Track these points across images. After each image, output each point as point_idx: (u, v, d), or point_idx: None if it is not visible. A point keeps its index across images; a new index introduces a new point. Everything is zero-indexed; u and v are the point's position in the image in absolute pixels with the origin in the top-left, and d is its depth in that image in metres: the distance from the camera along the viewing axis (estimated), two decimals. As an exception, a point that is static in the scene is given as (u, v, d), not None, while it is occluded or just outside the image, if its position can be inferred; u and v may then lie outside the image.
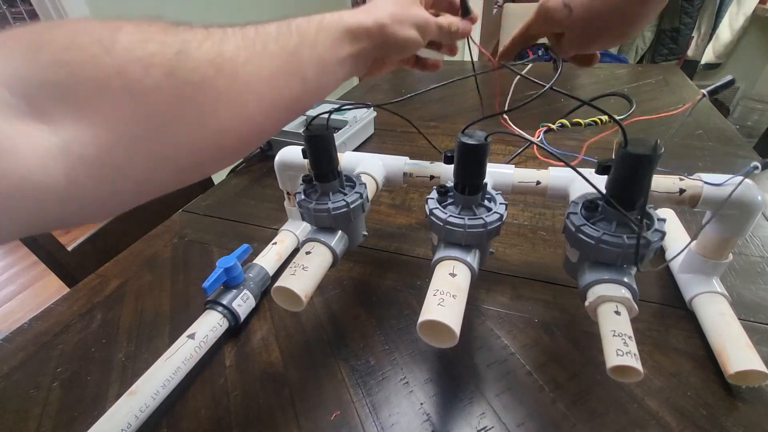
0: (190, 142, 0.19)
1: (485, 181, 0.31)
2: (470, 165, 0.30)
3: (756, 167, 0.29)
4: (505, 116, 0.73)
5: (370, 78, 0.31)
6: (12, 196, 0.15)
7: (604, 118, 0.57)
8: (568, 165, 0.28)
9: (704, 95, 0.34)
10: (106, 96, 0.16)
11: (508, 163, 0.55)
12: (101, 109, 0.16)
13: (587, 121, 0.68)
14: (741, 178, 0.31)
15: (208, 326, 0.37)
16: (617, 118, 0.25)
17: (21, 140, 0.15)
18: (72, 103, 0.16)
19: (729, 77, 0.34)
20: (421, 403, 0.33)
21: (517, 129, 0.66)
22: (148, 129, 0.18)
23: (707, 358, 0.35)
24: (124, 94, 0.17)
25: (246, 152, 0.24)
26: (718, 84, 0.34)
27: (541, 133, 0.62)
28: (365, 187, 0.37)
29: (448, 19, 0.33)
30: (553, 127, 0.62)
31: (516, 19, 1.88)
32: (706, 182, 0.33)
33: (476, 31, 2.55)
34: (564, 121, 0.53)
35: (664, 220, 0.29)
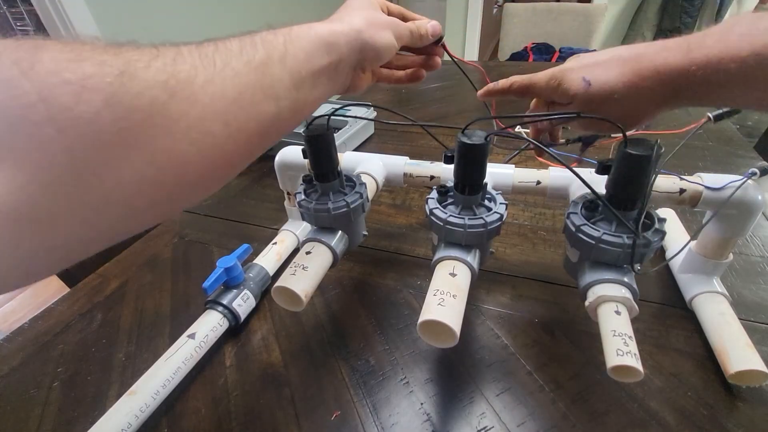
0: (140, 180, 0.16)
1: (485, 181, 0.31)
2: (470, 165, 0.30)
3: (754, 173, 0.29)
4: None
5: (351, 92, 0.31)
6: None
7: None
8: (567, 167, 0.28)
9: (709, 119, 0.34)
10: (24, 130, 0.13)
11: (506, 162, 0.55)
12: (19, 148, 0.13)
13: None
14: (739, 182, 0.31)
15: (209, 326, 0.37)
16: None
17: None
18: None
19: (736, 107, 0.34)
20: (422, 403, 0.33)
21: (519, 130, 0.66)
22: (84, 169, 0.14)
23: (707, 358, 0.35)
24: (49, 127, 0.13)
25: (216, 185, 0.21)
26: (724, 110, 0.34)
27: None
28: (365, 187, 0.37)
29: (416, 23, 0.33)
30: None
31: (516, 19, 1.88)
32: (705, 186, 0.33)
33: (476, 31, 2.55)
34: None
35: (664, 220, 0.29)
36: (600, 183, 0.29)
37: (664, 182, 0.34)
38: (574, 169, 0.28)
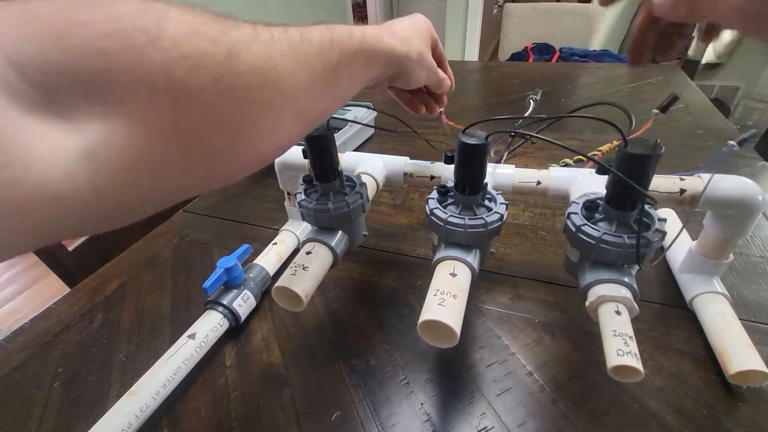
0: (227, 153, 0.18)
1: (486, 181, 0.31)
2: (471, 165, 0.30)
3: (733, 146, 0.28)
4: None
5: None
6: (25, 207, 0.13)
7: (605, 148, 0.56)
8: (574, 151, 0.28)
9: (656, 114, 0.34)
10: (147, 95, 0.14)
11: (504, 159, 0.55)
12: (138, 110, 0.14)
13: (589, 154, 0.67)
14: (721, 158, 0.30)
15: (209, 326, 0.37)
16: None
17: (37, 141, 0.13)
18: (104, 99, 0.14)
19: (673, 94, 0.33)
20: (422, 404, 0.33)
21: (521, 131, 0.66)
22: (187, 136, 0.16)
23: (708, 358, 0.35)
24: (167, 95, 0.15)
25: (271, 161, 0.23)
26: (665, 102, 0.34)
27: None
28: (365, 187, 0.37)
29: (442, 73, 0.37)
30: (571, 162, 0.64)
31: (516, 19, 1.88)
32: (682, 175, 0.33)
33: (476, 31, 2.55)
34: (567, 160, 0.52)
35: (664, 220, 0.29)
36: (600, 184, 0.29)
37: (664, 182, 0.34)
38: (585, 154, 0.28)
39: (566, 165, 0.38)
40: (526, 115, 0.86)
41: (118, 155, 0.14)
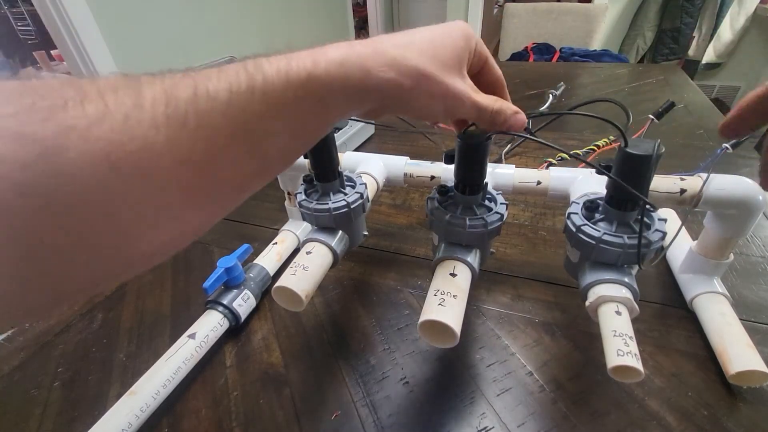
0: (88, 268, 0.14)
1: (486, 181, 0.31)
2: (471, 165, 0.30)
3: (726, 149, 0.29)
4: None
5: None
6: None
7: (601, 142, 0.56)
8: (571, 155, 0.28)
9: (652, 119, 0.34)
10: None
11: (503, 158, 0.55)
12: None
13: (585, 149, 0.68)
14: (714, 159, 0.30)
15: (209, 326, 0.37)
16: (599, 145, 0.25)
17: None
18: None
19: (670, 101, 0.33)
20: (422, 403, 0.33)
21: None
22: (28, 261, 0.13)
23: (708, 358, 0.35)
24: None
25: (174, 251, 0.19)
26: (662, 108, 0.34)
27: (544, 169, 0.64)
28: (366, 187, 0.37)
29: (497, 102, 0.25)
30: (554, 161, 0.64)
31: (516, 19, 1.88)
32: (683, 175, 0.33)
33: (476, 31, 2.55)
34: (563, 154, 0.52)
35: (664, 220, 0.29)
36: (600, 184, 0.29)
37: (664, 182, 0.34)
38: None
39: (561, 159, 0.37)
40: (541, 109, 0.86)
41: None
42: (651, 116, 0.32)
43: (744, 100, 0.26)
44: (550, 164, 0.61)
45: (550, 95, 0.88)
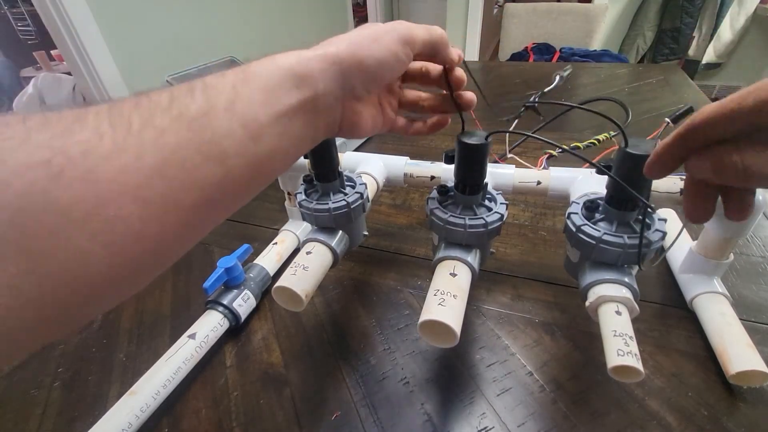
0: (13, 301, 0.13)
1: (486, 181, 0.31)
2: (471, 165, 0.30)
3: (667, 123, 0.28)
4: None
5: (353, 135, 0.25)
6: None
7: (602, 137, 0.56)
8: (573, 153, 0.28)
9: (667, 123, 0.34)
10: None
11: (503, 157, 0.55)
12: None
13: (585, 142, 0.68)
14: (661, 130, 0.29)
15: (209, 326, 0.37)
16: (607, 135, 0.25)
17: None
18: None
19: (688, 105, 0.33)
20: (422, 403, 0.33)
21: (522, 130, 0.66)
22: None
23: (708, 358, 0.35)
24: None
25: (141, 282, 0.17)
26: (679, 112, 0.34)
27: (544, 160, 0.63)
28: (366, 187, 0.37)
29: (435, 27, 0.26)
30: (555, 153, 0.64)
31: (516, 19, 1.88)
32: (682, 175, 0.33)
33: (476, 31, 2.55)
34: (563, 146, 0.52)
35: (664, 220, 0.29)
36: (600, 184, 0.29)
37: (664, 182, 0.34)
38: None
39: (563, 151, 0.37)
40: (546, 90, 0.86)
41: None
42: (667, 120, 0.32)
43: (663, 143, 0.22)
44: (551, 156, 0.61)
45: (557, 77, 0.88)
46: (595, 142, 0.67)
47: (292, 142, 0.20)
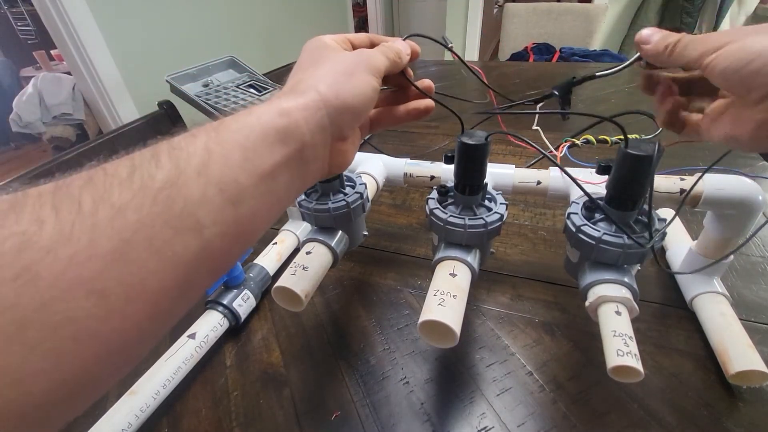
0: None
1: (486, 181, 0.31)
2: (470, 165, 0.30)
3: (639, 58, 0.28)
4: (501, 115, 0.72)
5: (337, 170, 0.24)
6: None
7: (631, 137, 0.55)
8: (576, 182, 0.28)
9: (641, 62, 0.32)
10: None
11: (528, 166, 0.55)
12: None
13: (614, 138, 0.66)
14: (629, 62, 0.29)
15: (209, 326, 0.37)
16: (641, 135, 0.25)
17: None
18: None
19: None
20: (422, 403, 0.33)
21: (532, 143, 0.66)
22: None
23: (708, 358, 0.35)
24: None
25: (108, 382, 0.14)
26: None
27: (565, 148, 0.61)
28: (365, 187, 0.37)
29: (385, 44, 0.26)
30: (578, 142, 0.62)
31: (516, 19, 1.88)
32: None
33: (476, 31, 2.55)
34: (590, 137, 0.51)
35: (664, 220, 0.29)
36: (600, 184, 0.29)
37: (664, 182, 0.34)
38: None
39: (587, 142, 0.37)
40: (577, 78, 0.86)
41: None
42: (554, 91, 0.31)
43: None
44: (573, 144, 0.61)
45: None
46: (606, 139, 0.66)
47: (277, 198, 0.19)
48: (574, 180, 0.27)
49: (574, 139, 0.62)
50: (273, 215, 0.19)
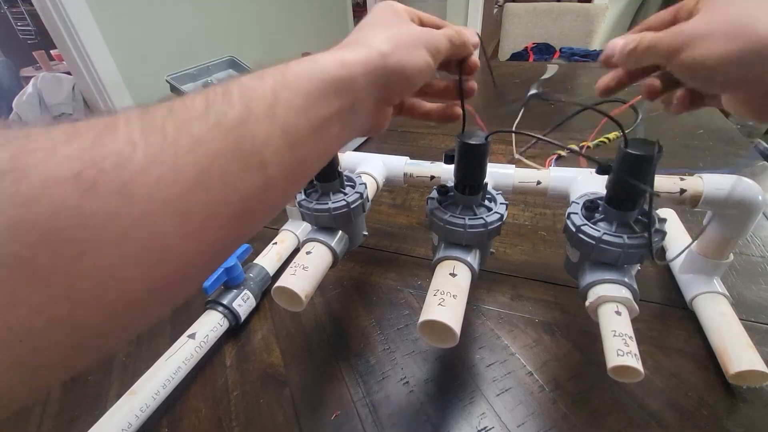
0: (47, 326, 0.12)
1: (486, 181, 0.31)
2: (471, 165, 0.30)
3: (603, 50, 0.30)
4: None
5: (371, 134, 0.25)
6: None
7: (612, 136, 0.55)
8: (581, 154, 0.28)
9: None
10: None
11: (519, 155, 0.55)
12: None
13: (595, 141, 0.67)
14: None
15: (209, 326, 0.37)
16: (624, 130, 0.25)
17: None
18: None
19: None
20: (422, 403, 0.33)
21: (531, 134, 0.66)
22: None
23: (708, 358, 0.35)
24: None
25: (180, 298, 0.16)
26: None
27: (552, 161, 0.62)
28: (365, 187, 0.37)
29: (454, 28, 0.26)
30: (563, 153, 0.62)
31: (516, 19, 1.88)
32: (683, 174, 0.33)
33: (476, 31, 2.55)
34: (573, 146, 0.51)
35: (664, 220, 0.29)
36: (600, 184, 0.29)
37: (664, 182, 0.34)
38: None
39: (571, 151, 0.37)
40: (543, 77, 0.87)
41: None
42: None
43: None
44: (560, 156, 0.61)
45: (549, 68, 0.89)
46: (606, 141, 0.67)
47: (326, 147, 0.20)
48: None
49: (560, 152, 0.62)
50: (321, 162, 0.21)
